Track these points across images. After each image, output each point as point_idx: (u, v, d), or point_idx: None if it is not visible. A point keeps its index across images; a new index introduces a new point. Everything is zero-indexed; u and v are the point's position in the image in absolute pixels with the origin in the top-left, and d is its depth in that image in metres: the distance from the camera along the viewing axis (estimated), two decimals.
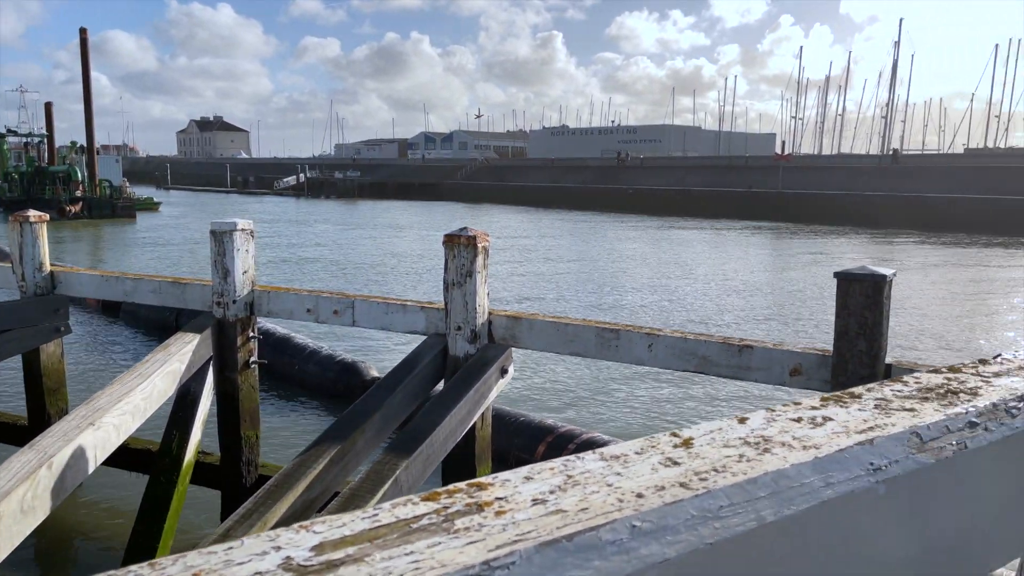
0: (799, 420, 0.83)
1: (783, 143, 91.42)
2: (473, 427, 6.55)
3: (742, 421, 0.82)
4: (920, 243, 39.58)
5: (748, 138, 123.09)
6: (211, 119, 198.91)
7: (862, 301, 5.23)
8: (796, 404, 0.88)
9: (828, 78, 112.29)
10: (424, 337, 7.03)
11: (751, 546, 0.63)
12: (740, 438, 0.77)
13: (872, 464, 0.74)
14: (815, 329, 17.67)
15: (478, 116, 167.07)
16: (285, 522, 5.34)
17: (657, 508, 0.62)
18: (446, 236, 6.70)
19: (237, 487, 7.46)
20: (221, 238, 7.32)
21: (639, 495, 0.64)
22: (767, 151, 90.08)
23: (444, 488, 0.67)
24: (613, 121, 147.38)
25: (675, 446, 0.75)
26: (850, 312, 5.29)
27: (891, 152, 73.95)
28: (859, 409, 0.87)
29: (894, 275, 5.38)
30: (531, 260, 31.53)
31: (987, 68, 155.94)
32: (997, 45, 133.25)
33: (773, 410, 0.85)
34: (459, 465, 6.61)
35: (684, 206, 59.32)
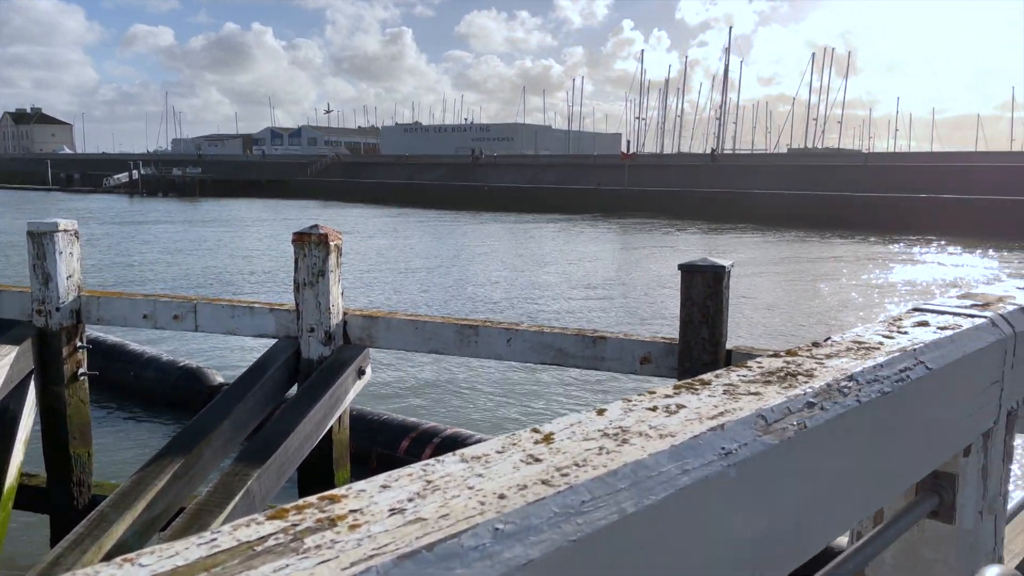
0: (655, 409, 0.83)
1: (628, 142, 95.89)
2: (330, 431, 6.37)
3: (600, 413, 0.82)
4: (744, 234, 42.64)
5: (596, 137, 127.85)
6: (28, 111, 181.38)
7: (704, 291, 5.55)
8: (651, 393, 0.89)
9: (667, 81, 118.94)
10: (274, 340, 6.75)
11: (614, 539, 0.63)
12: (599, 430, 0.77)
13: (723, 448, 0.76)
14: (660, 316, 18.62)
15: (328, 112, 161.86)
16: (123, 544, 4.95)
17: (520, 508, 0.61)
18: (295, 234, 6.48)
19: (68, 510, 6.86)
20: (40, 240, 6.69)
21: (501, 496, 0.62)
22: (614, 150, 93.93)
23: (292, 504, 0.62)
24: (466, 119, 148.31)
25: (536, 442, 0.73)
26: (693, 302, 5.59)
27: (710, 152, 79.73)
28: (709, 395, 0.89)
29: (732, 266, 5.75)
30: (388, 259, 31.12)
31: (805, 75, 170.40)
32: (814, 54, 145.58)
33: (630, 400, 0.86)
34: (316, 471, 6.41)
35: (537, 203, 60.65)
